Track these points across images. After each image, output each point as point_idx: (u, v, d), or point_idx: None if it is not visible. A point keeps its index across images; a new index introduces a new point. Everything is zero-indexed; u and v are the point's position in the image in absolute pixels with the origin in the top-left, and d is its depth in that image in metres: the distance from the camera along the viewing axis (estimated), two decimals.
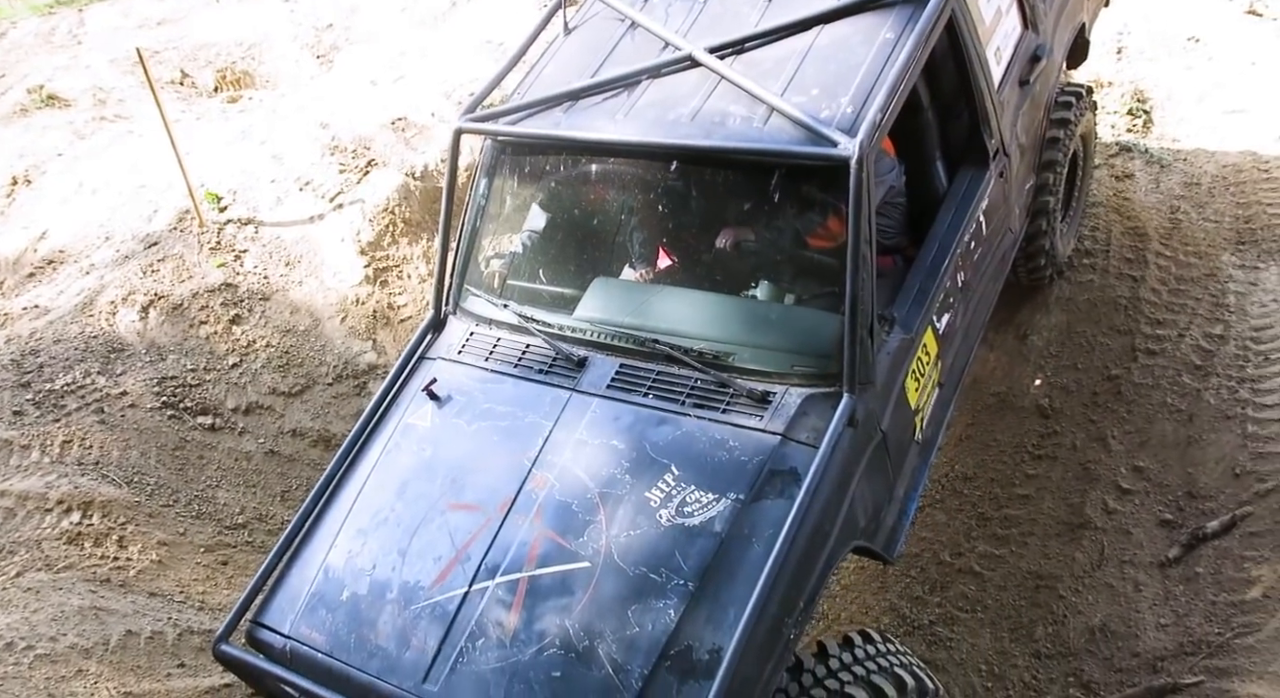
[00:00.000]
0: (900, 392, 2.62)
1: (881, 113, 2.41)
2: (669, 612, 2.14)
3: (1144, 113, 5.25)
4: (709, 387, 2.47)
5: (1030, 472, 3.86)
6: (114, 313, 4.90)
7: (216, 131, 6.43)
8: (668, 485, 2.33)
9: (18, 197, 6.21)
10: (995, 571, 3.58)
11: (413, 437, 2.69)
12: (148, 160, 6.01)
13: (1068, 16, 3.67)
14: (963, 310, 2.99)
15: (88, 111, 7.22)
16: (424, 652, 2.25)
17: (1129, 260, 4.35)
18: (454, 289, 2.98)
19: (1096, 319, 4.16)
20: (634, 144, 2.61)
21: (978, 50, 2.90)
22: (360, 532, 2.55)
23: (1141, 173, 4.89)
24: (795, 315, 2.61)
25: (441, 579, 2.35)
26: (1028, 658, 3.25)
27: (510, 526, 2.38)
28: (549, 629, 2.20)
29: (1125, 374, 3.91)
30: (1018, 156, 3.26)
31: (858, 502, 2.46)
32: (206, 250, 5.28)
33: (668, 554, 2.23)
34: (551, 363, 2.65)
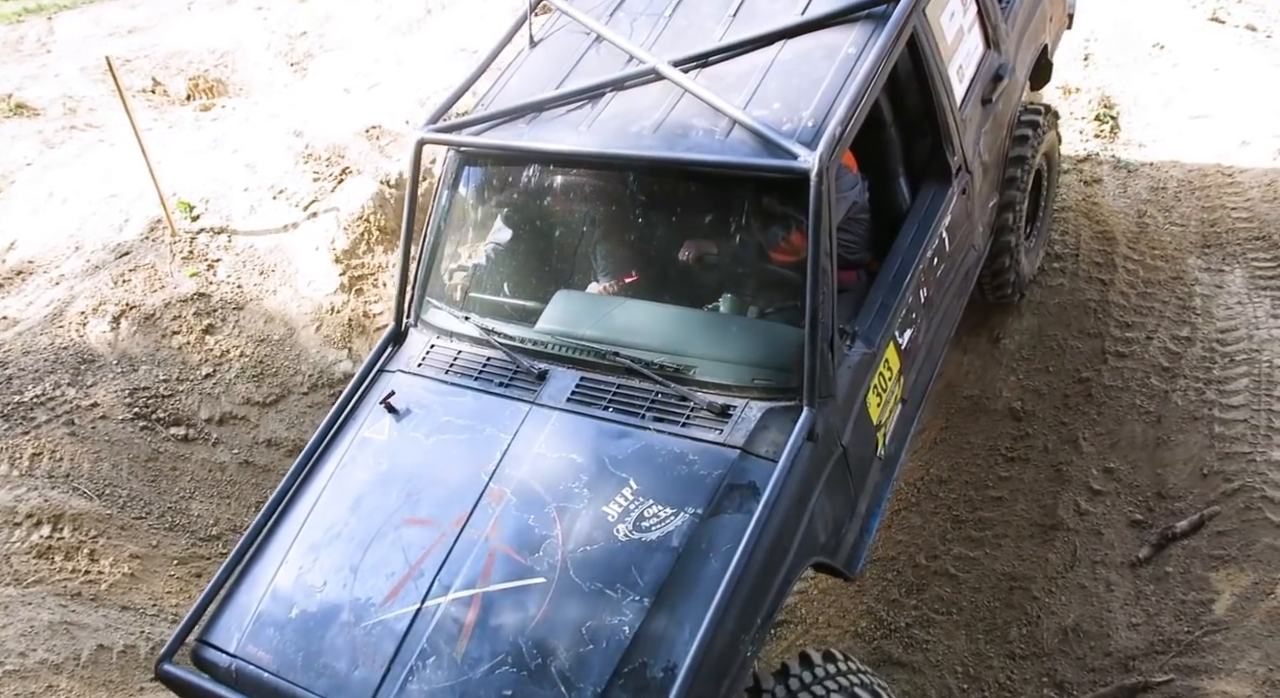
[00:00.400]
0: (862, 407, 2.62)
1: (841, 126, 2.43)
2: (624, 629, 2.10)
3: (1111, 119, 5.33)
4: (669, 400, 2.46)
5: (1003, 474, 3.90)
6: (84, 324, 4.84)
7: (189, 140, 6.37)
8: (626, 500, 2.31)
9: None
10: (970, 572, 3.61)
11: (369, 450, 2.65)
12: (119, 169, 5.95)
13: (1030, 37, 3.71)
14: (926, 326, 2.99)
15: (58, 120, 7.13)
16: (373, 671, 2.21)
17: (1098, 264, 4.41)
18: (415, 301, 2.95)
19: (1067, 323, 4.22)
20: (595, 155, 2.62)
21: (940, 68, 2.93)
22: (312, 548, 2.51)
23: (1109, 178, 4.97)
24: (756, 329, 2.61)
25: (393, 596, 2.31)
26: (1003, 659, 3.28)
27: (465, 541, 2.35)
28: (502, 647, 2.16)
29: (1095, 377, 3.97)
30: (981, 174, 3.28)
31: (818, 517, 2.44)
32: (179, 260, 5.23)
33: (624, 570, 2.20)
34: (512, 376, 2.63)
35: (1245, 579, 2.98)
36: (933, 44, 2.88)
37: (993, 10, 3.33)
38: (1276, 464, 3.24)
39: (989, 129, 3.31)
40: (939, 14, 2.96)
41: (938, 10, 2.96)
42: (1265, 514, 3.11)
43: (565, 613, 2.17)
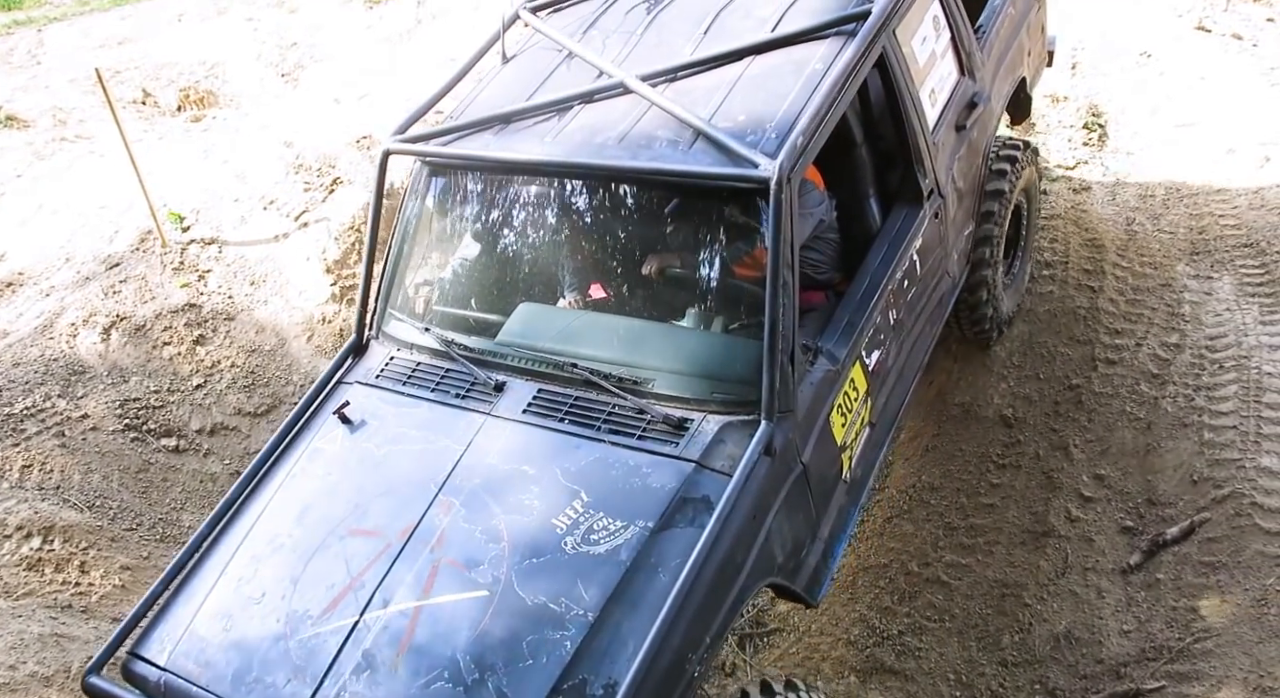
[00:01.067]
0: (825, 426, 2.57)
1: (804, 137, 2.42)
2: (565, 643, 2.06)
3: (1099, 127, 5.37)
4: (626, 413, 2.43)
5: (995, 481, 3.91)
6: (75, 335, 4.82)
7: (179, 151, 6.37)
8: (575, 512, 2.27)
9: None
10: (962, 580, 3.62)
11: (319, 461, 2.62)
12: (109, 181, 5.94)
13: (1007, 68, 3.71)
14: (895, 350, 2.95)
15: (48, 132, 7.12)
16: (305, 685, 2.15)
17: (1087, 271, 4.44)
18: (377, 313, 2.93)
19: (1057, 329, 4.24)
20: (557, 164, 2.62)
21: (911, 90, 2.94)
22: (253, 559, 2.46)
23: (1098, 186, 5.00)
24: (716, 342, 2.59)
25: (332, 608, 2.26)
26: (995, 666, 3.28)
27: (409, 553, 2.31)
28: (439, 661, 2.11)
29: (1086, 383, 3.98)
30: (955, 200, 3.27)
31: (775, 536, 2.39)
32: (169, 271, 5.22)
33: (569, 584, 2.16)
34: (469, 388, 2.61)
35: (1236, 586, 2.99)
36: (903, 65, 2.89)
37: (966, 38, 3.34)
38: (1266, 471, 3.26)
39: (963, 155, 3.31)
40: (910, 37, 2.99)
41: (909, 33, 2.98)
42: (1255, 521, 3.12)
43: (507, 627, 2.12)
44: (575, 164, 2.60)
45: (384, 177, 2.93)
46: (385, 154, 2.90)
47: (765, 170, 2.33)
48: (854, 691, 3.34)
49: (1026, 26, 3.87)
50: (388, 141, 2.88)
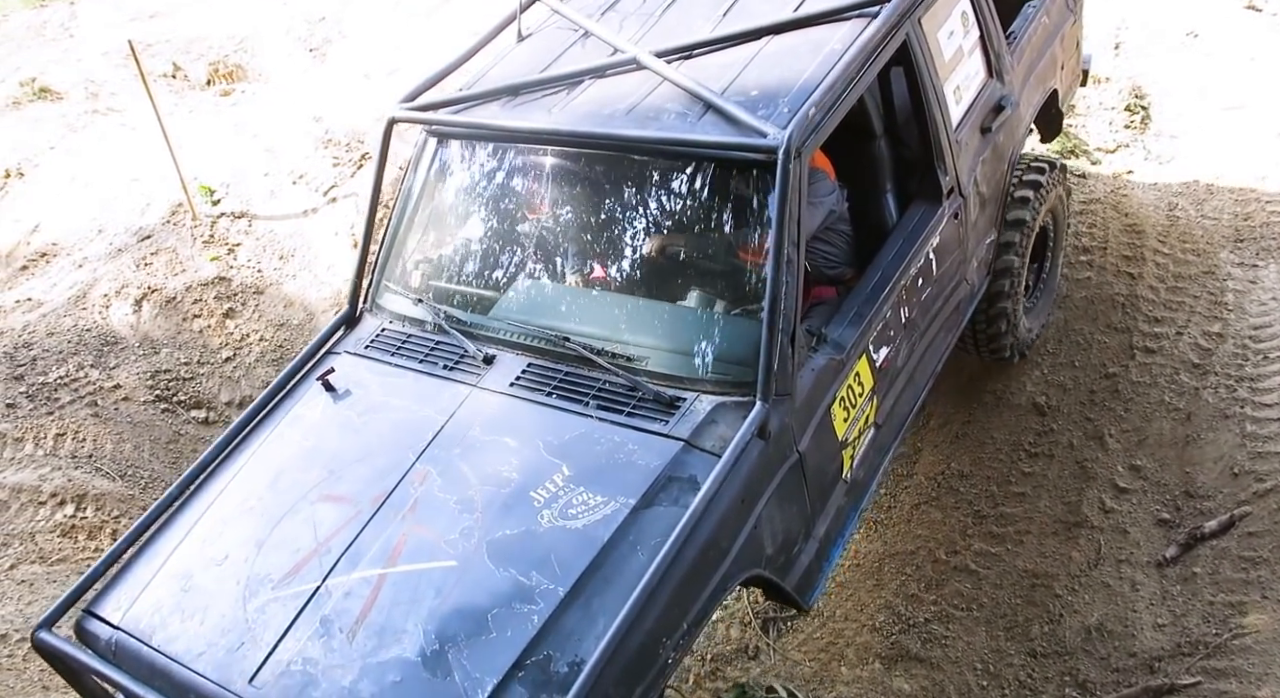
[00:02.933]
0: (825, 417, 2.48)
1: (816, 110, 2.34)
2: (533, 618, 1.97)
3: (1142, 109, 5.23)
4: (616, 389, 2.36)
5: (1026, 470, 3.85)
6: (107, 306, 4.87)
7: (209, 125, 6.39)
8: (555, 486, 2.20)
9: (10, 189, 6.17)
10: (991, 568, 3.57)
11: (299, 427, 2.57)
12: (140, 153, 5.98)
13: (1038, 78, 3.58)
14: (906, 349, 2.85)
15: (80, 105, 7.17)
16: (258, 649, 2.08)
17: (1127, 257, 4.33)
18: (373, 285, 2.89)
19: (1094, 317, 4.15)
20: (560, 132, 2.56)
21: (934, 83, 2.85)
22: (220, 521, 2.41)
23: (1139, 169, 4.88)
24: (714, 321, 2.48)
25: (294, 573, 2.20)
26: (1023, 657, 3.24)
27: (380, 519, 2.24)
28: (400, 630, 2.04)
29: (1123, 372, 3.90)
30: (977, 204, 3.16)
31: (764, 525, 2.29)
32: (200, 244, 5.25)
33: (542, 557, 2.07)
34: (458, 360, 2.56)
35: (1277, 582, 2.93)
36: (927, 56, 2.82)
37: (996, 39, 3.24)
38: None
39: (988, 159, 3.19)
40: (937, 28, 2.91)
41: (935, 24, 2.90)
42: None
43: (473, 598, 2.04)
44: (579, 132, 2.54)
45: (387, 145, 2.90)
46: (391, 121, 2.86)
47: (773, 139, 2.27)
48: (878, 677, 3.32)
49: (1060, 38, 3.73)
50: (393, 109, 2.84)
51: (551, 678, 1.89)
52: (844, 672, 3.34)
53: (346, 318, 2.89)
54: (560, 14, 3.03)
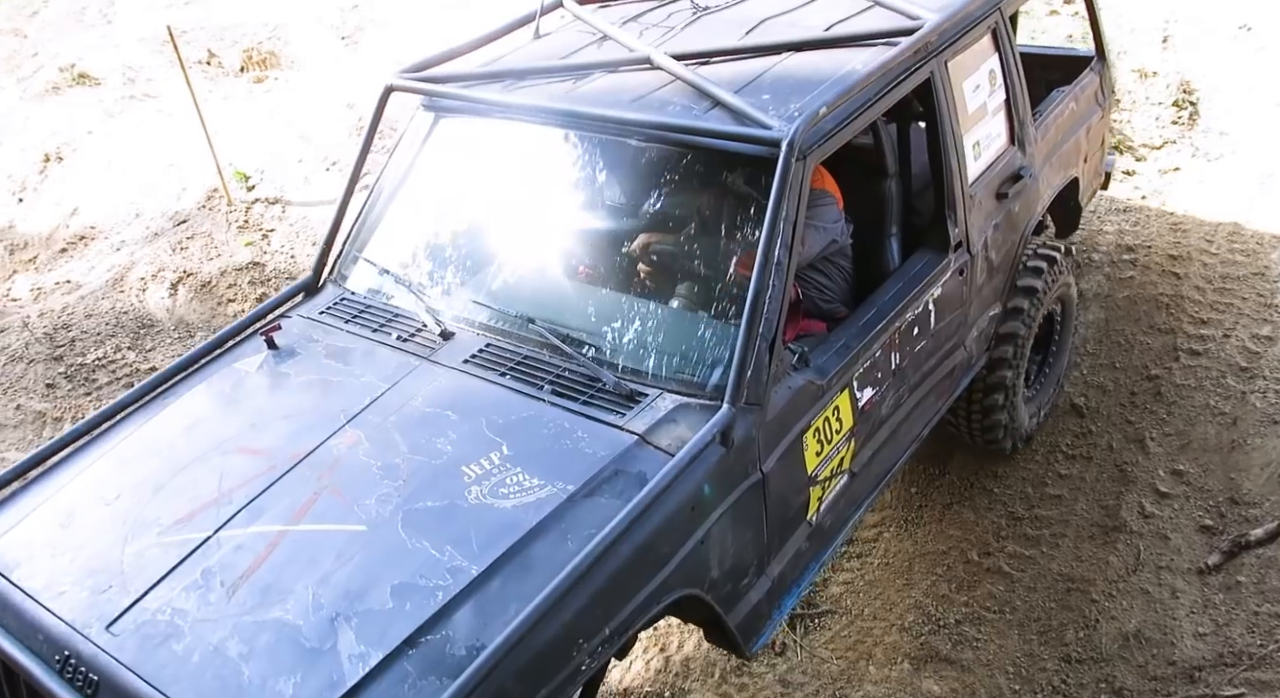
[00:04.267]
0: (796, 442, 2.34)
1: (827, 110, 2.25)
2: (438, 594, 1.81)
3: (1190, 105, 5.10)
4: (575, 377, 2.25)
5: (1063, 472, 3.78)
6: (144, 289, 4.93)
7: (243, 111, 6.43)
8: (490, 464, 2.06)
9: (50, 173, 6.25)
10: (1025, 571, 3.51)
11: (230, 379, 2.46)
12: (176, 139, 6.03)
13: (1060, 161, 3.48)
14: (893, 399, 2.72)
15: (118, 90, 7.25)
16: (125, 595, 1.92)
17: (1172, 257, 4.23)
18: (341, 256, 2.80)
19: (1136, 317, 4.06)
20: (556, 110, 2.49)
21: (954, 128, 2.78)
22: (123, 461, 2.27)
23: (1186, 166, 4.76)
24: (689, 320, 2.38)
25: (187, 520, 2.05)
26: (1057, 662, 3.18)
27: (294, 477, 2.10)
28: (287, 591, 1.88)
29: (1166, 374, 3.81)
30: (984, 268, 3.05)
31: (713, 542, 2.13)
32: (234, 229, 5.29)
33: (461, 533, 1.92)
34: (415, 333, 2.45)
35: None
36: (950, 101, 2.76)
37: (1022, 107, 3.17)
38: None
39: (1001, 226, 3.09)
40: (963, 77, 2.86)
41: (962, 72, 2.85)
42: None
43: (376, 567, 1.89)
44: (575, 112, 2.46)
45: (380, 113, 2.83)
46: (387, 89, 2.79)
47: (777, 132, 2.18)
48: (907, 678, 3.27)
49: (1086, 129, 3.64)
50: (392, 78, 2.78)
51: (444, 659, 1.72)
52: (872, 671, 3.29)
53: (307, 285, 2.78)
54: (580, 18, 3.00)
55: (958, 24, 2.76)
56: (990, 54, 3.00)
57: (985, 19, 2.92)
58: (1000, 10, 3.00)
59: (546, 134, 2.63)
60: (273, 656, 1.77)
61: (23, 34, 8.51)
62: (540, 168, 2.69)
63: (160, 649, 1.82)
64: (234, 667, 1.76)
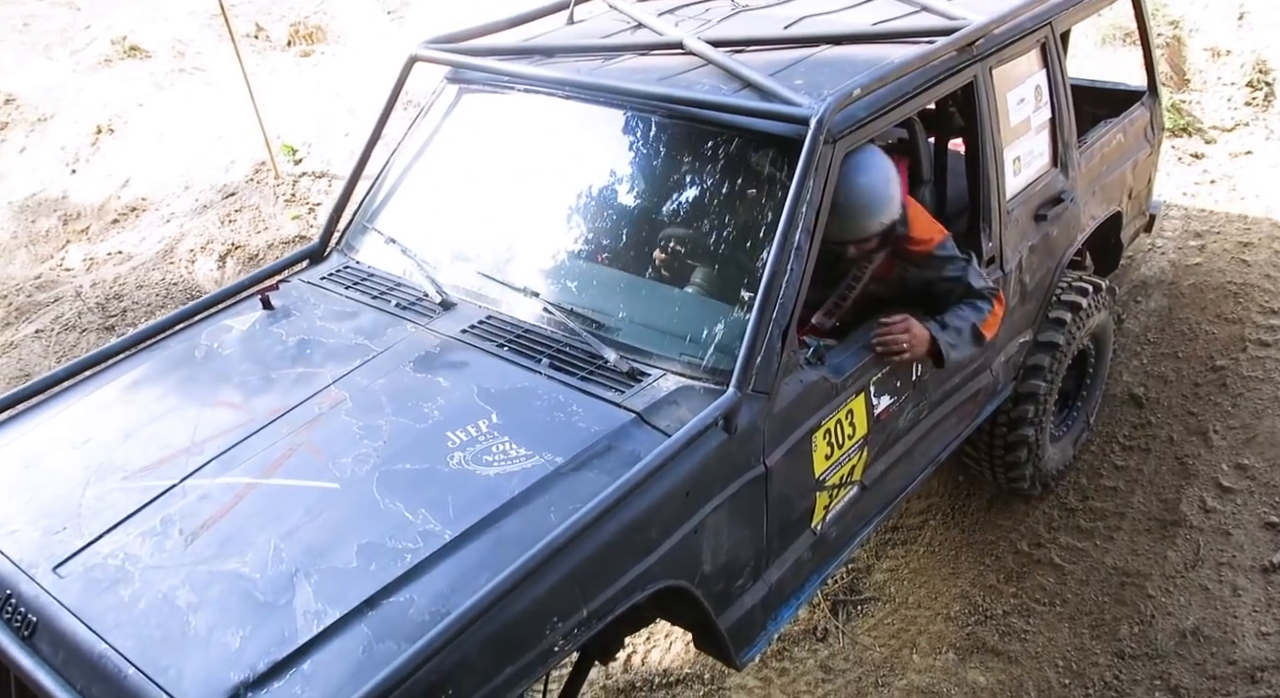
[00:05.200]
0: (805, 441, 2.23)
1: (861, 91, 2.15)
2: (406, 556, 1.72)
3: (1265, 85, 4.89)
4: (576, 353, 2.16)
5: (1120, 463, 3.67)
6: (193, 261, 4.99)
7: (290, 85, 6.46)
8: (477, 431, 1.98)
9: (102, 145, 6.35)
10: (1078, 564, 3.42)
11: (220, 336, 2.42)
12: (225, 112, 6.08)
13: (1103, 191, 3.32)
14: (911, 412, 2.60)
15: (167, 63, 7.33)
16: (79, 537, 1.86)
17: (1242, 243, 4.07)
18: (351, 226, 2.76)
19: (1202, 305, 3.92)
20: (579, 83, 2.44)
21: (994, 138, 2.67)
22: (96, 407, 2.22)
23: (1259, 150, 4.56)
24: (701, 302, 2.28)
25: (154, 467, 1.99)
26: (1110, 657, 3.10)
27: (271, 431, 2.04)
28: (248, 543, 1.80)
29: (1232, 365, 3.67)
30: (1016, 290, 2.91)
31: (707, 534, 2.02)
32: (282, 202, 5.32)
33: (438, 498, 1.83)
34: (416, 301, 2.41)
35: None
36: (993, 109, 2.66)
37: (1067, 129, 3.03)
38: None
39: (1037, 248, 2.96)
40: (1008, 88, 2.75)
41: (1006, 83, 2.74)
42: None
43: (345, 525, 1.81)
44: (599, 85, 2.41)
45: (402, 83, 2.79)
46: (411, 59, 2.75)
47: (806, 109, 2.09)
48: (952, 668, 3.21)
49: (1133, 163, 3.48)
50: (416, 48, 2.74)
51: (405, 623, 1.62)
52: (915, 660, 3.24)
53: (312, 252, 2.72)
54: (615, 8, 2.95)
55: (1004, 31, 2.66)
56: (1038, 69, 2.90)
57: (1034, 33, 2.82)
58: (1051, 27, 2.90)
59: (569, 110, 2.57)
60: (223, 607, 1.69)
61: (76, 6, 8.64)
62: (560, 145, 2.64)
63: (106, 594, 1.75)
64: (180, 616, 1.69)
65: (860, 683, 3.16)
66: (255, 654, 1.58)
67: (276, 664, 1.56)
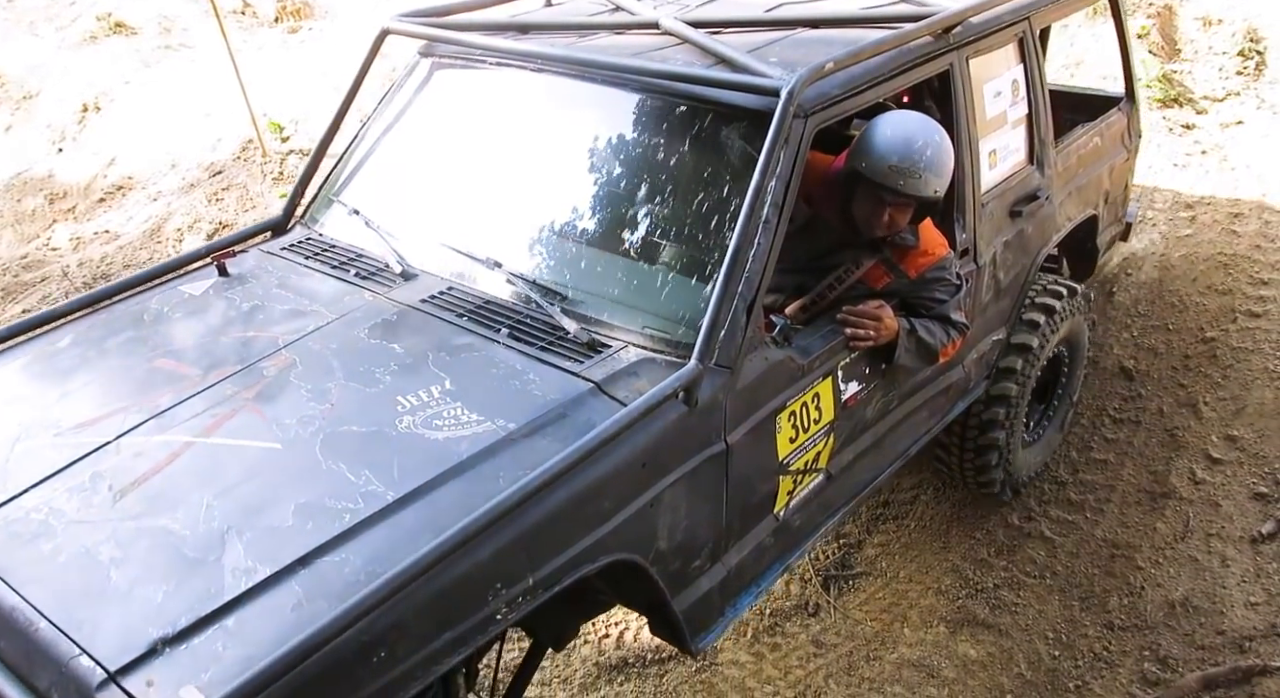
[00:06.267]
0: (769, 421, 2.18)
1: (833, 63, 2.12)
2: (345, 516, 1.67)
3: (1257, 54, 4.85)
4: (536, 324, 2.14)
5: (1110, 436, 3.68)
6: (180, 240, 4.95)
7: (278, 61, 6.38)
8: (429, 396, 1.94)
9: (88, 123, 6.28)
10: (1068, 537, 3.44)
11: (172, 299, 2.38)
12: (211, 89, 6.01)
13: (1079, 193, 3.28)
14: (880, 402, 2.57)
15: (153, 39, 7.23)
16: (2, 492, 1.81)
17: (1233, 214, 4.06)
18: (316, 200, 2.73)
19: (1192, 277, 3.91)
20: (553, 56, 2.42)
21: (969, 128, 2.64)
22: (35, 364, 2.20)
23: (1250, 120, 4.54)
24: (667, 278, 2.24)
25: (89, 424, 1.94)
26: (1099, 628, 3.12)
27: (215, 392, 2.00)
28: (180, 500, 1.75)
29: (1222, 337, 3.67)
30: (990, 285, 2.88)
31: (664, 509, 1.97)
32: (269, 180, 5.28)
33: (384, 460, 1.78)
34: (376, 271, 2.38)
35: None
36: (968, 99, 2.64)
37: (1044, 127, 3.01)
38: None
39: (1011, 245, 2.93)
40: (984, 80, 2.74)
41: (983, 74, 2.73)
42: None
43: (284, 485, 1.76)
44: (572, 57, 2.39)
45: (373, 57, 2.78)
46: (383, 32, 2.73)
47: (777, 81, 2.06)
48: (943, 641, 3.24)
49: (1110, 168, 3.44)
50: (389, 20, 2.72)
51: (339, 582, 1.56)
52: (907, 634, 3.26)
53: (275, 224, 2.69)
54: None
55: (981, 21, 2.66)
56: (1015, 64, 2.89)
57: (1012, 26, 2.82)
58: (1030, 22, 2.89)
59: (540, 84, 2.55)
60: (148, 563, 1.64)
61: None
62: (530, 120, 2.60)
63: (25, 548, 1.70)
64: (102, 571, 1.63)
65: (852, 657, 3.18)
66: (178, 610, 1.53)
67: (199, 620, 1.51)
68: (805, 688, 3.08)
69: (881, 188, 2.30)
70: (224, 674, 1.39)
